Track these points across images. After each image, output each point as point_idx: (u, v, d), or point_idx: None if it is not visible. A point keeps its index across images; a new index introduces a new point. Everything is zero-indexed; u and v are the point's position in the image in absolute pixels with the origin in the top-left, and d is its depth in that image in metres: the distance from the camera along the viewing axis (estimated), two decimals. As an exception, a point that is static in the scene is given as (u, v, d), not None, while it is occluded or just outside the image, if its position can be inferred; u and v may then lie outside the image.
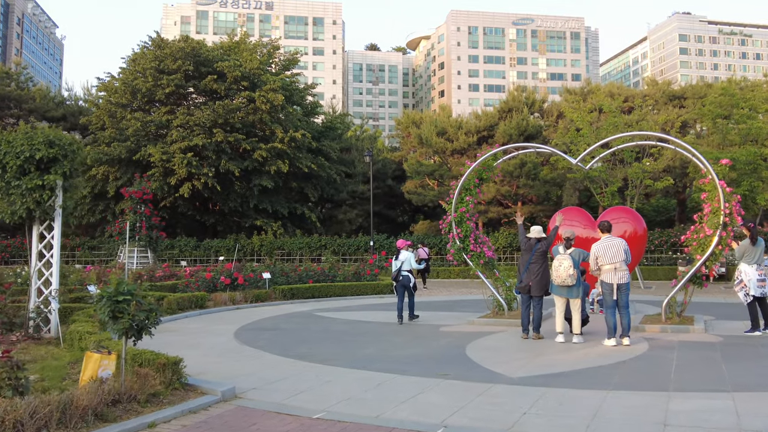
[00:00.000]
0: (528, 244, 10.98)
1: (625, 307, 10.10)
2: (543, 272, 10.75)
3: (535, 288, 10.71)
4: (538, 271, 10.74)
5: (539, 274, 10.72)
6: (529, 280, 10.76)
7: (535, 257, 10.80)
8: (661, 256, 29.97)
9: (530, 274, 10.78)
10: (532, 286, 10.72)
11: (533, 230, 11.08)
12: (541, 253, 10.82)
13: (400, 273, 13.87)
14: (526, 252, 10.94)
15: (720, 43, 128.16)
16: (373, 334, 11.79)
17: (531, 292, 10.75)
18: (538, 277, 10.71)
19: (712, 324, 12.40)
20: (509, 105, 35.18)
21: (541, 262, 10.78)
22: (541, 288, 10.70)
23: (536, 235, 10.98)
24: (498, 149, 14.08)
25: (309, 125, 38.48)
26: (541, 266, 10.76)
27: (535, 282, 10.70)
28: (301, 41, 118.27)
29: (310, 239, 35.43)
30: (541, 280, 10.69)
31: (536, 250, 10.84)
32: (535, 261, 10.79)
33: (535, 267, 10.77)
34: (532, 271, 10.77)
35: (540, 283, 10.69)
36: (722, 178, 12.06)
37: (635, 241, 15.21)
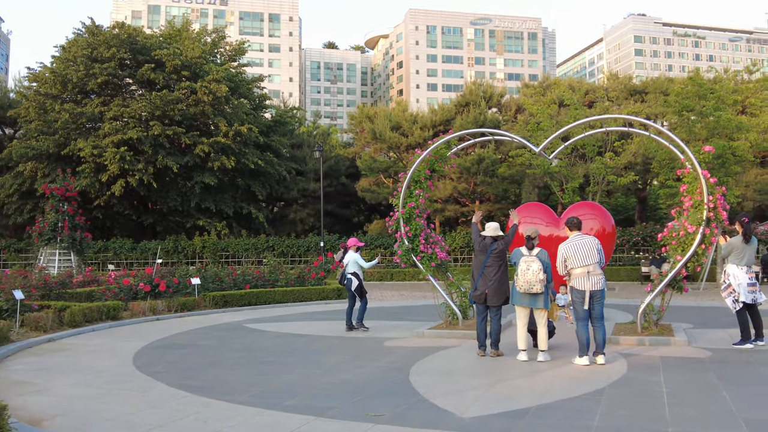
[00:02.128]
0: (482, 243, 9.24)
1: (600, 319, 8.45)
2: (501, 277, 9.03)
3: (493, 296, 8.98)
4: (495, 275, 9.00)
5: (497, 279, 8.99)
6: (484, 287, 9.03)
7: (492, 259, 9.06)
8: (622, 256, 28.81)
9: (486, 280, 9.04)
10: (488, 294, 8.99)
11: (489, 227, 9.33)
12: (499, 255, 9.08)
13: (344, 276, 12.37)
14: (481, 253, 9.19)
15: (674, 45, 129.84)
16: (303, 352, 9.91)
17: (487, 302, 9.03)
18: (495, 284, 8.98)
19: (693, 334, 10.87)
20: (466, 99, 33.65)
21: (498, 265, 9.05)
22: (499, 296, 8.98)
23: (492, 233, 9.23)
24: (451, 136, 12.36)
25: (257, 119, 36.31)
26: (498, 270, 9.03)
27: (492, 289, 8.97)
28: (257, 37, 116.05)
29: (257, 240, 33.30)
30: (500, 286, 8.98)
31: (492, 251, 9.09)
32: (491, 264, 9.05)
33: (491, 271, 9.02)
34: (488, 275, 9.03)
35: (498, 291, 8.97)
36: (705, 167, 10.59)
37: (604, 239, 13.59)
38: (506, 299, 9.02)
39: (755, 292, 9.43)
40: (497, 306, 9.02)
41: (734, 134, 20.95)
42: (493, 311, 9.06)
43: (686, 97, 21.45)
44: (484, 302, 9.03)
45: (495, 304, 8.99)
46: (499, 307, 9.05)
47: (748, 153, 20.86)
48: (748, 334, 9.40)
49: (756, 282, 9.54)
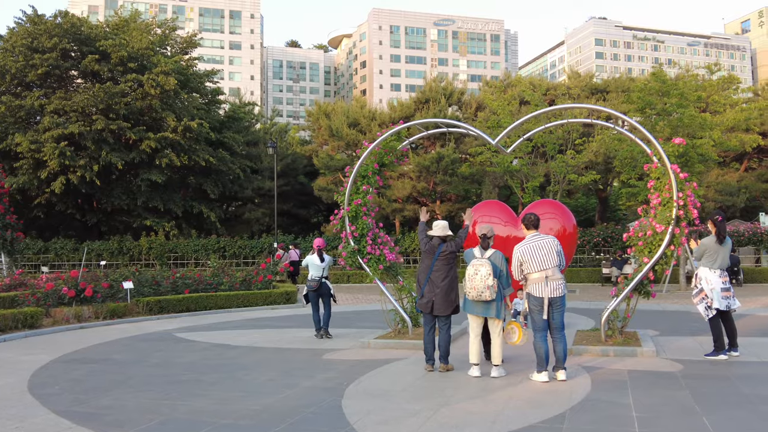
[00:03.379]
0: (430, 245, 8.19)
1: (560, 330, 7.48)
2: (450, 283, 8.00)
3: (440, 305, 7.94)
4: (443, 281, 7.96)
5: (445, 286, 7.95)
6: (431, 295, 7.98)
7: (440, 263, 8.02)
8: (583, 257, 28.18)
9: (433, 286, 8.00)
10: (435, 302, 7.95)
11: (436, 226, 8.28)
12: (448, 258, 8.06)
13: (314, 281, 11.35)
14: (428, 256, 8.15)
15: (634, 48, 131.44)
16: (229, 367, 8.74)
17: (434, 311, 8.00)
18: (443, 291, 7.94)
19: (660, 342, 10.02)
20: (426, 96, 32.72)
21: (447, 269, 8.02)
22: (448, 304, 7.95)
23: (440, 233, 8.20)
24: (401, 126, 11.35)
25: (209, 115, 34.80)
26: (447, 275, 8.00)
27: (440, 297, 7.93)
28: (217, 35, 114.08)
29: (207, 241, 31.82)
30: (448, 293, 7.95)
31: (441, 254, 8.06)
32: (438, 268, 8.01)
33: (439, 276, 7.99)
34: (436, 281, 7.99)
35: (446, 299, 7.94)
36: (674, 161, 9.78)
37: (565, 240, 12.76)
38: (456, 308, 8.01)
39: (729, 298, 8.57)
40: (446, 315, 8.01)
41: (697, 132, 20.41)
42: (442, 321, 8.05)
43: (649, 94, 20.84)
44: (431, 311, 8.00)
45: (443, 313, 7.96)
46: (448, 316, 8.04)
47: (711, 152, 20.35)
48: (721, 344, 8.54)
49: (730, 287, 8.69)
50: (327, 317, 11.52)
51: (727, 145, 21.31)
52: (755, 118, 23.93)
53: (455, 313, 8.07)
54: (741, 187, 29.80)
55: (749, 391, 6.66)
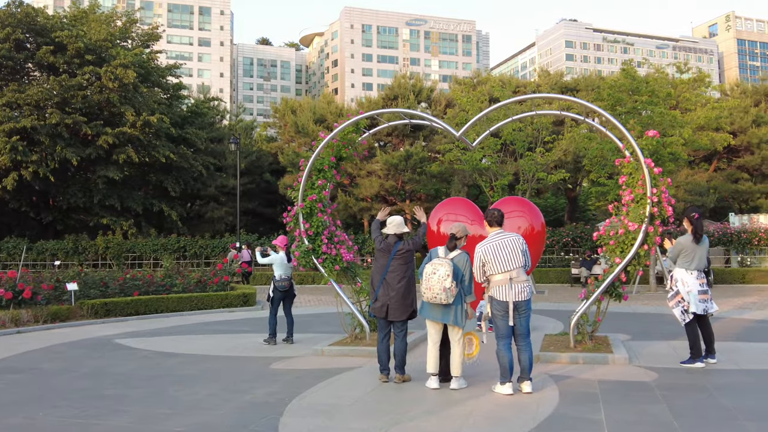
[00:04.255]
0: (384, 243, 7.48)
1: (526, 336, 6.82)
2: (407, 286, 7.30)
3: (396, 309, 7.24)
4: (399, 283, 7.26)
5: (401, 288, 7.26)
6: (386, 298, 7.27)
7: (396, 263, 7.33)
8: (552, 257, 27.75)
9: (388, 289, 7.29)
10: (390, 305, 7.24)
11: (391, 223, 7.57)
12: (405, 257, 7.36)
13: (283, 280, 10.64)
14: (382, 255, 7.44)
15: (604, 51, 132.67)
16: (164, 379, 7.93)
17: (389, 316, 7.29)
18: (399, 294, 7.23)
19: (633, 347, 9.45)
20: (395, 92, 32.05)
21: (403, 270, 7.32)
22: (403, 309, 7.26)
23: (395, 231, 7.50)
24: (361, 116, 10.64)
25: (171, 110, 33.68)
26: (403, 277, 7.30)
27: (396, 300, 7.23)
28: (186, 31, 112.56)
29: (167, 240, 30.70)
30: (405, 297, 7.26)
31: (397, 253, 7.36)
32: (394, 269, 7.31)
33: (394, 278, 7.29)
34: (391, 283, 7.28)
35: (402, 303, 7.24)
36: (648, 155, 9.23)
37: (533, 239, 12.19)
38: (414, 313, 7.32)
39: (707, 301, 8.01)
40: (402, 321, 7.32)
41: (668, 130, 20.04)
42: (398, 327, 7.35)
43: (619, 91, 20.43)
44: (385, 316, 7.29)
45: (398, 318, 7.26)
46: (404, 321, 7.35)
47: (682, 151, 19.99)
48: (698, 351, 7.96)
49: (708, 289, 8.13)
50: (291, 324, 10.86)
51: (697, 144, 21.00)
52: (725, 117, 23.75)
53: (412, 318, 7.39)
54: (710, 187, 29.71)
55: (730, 404, 6.07)
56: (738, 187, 30.55)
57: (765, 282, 22.47)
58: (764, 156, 30.20)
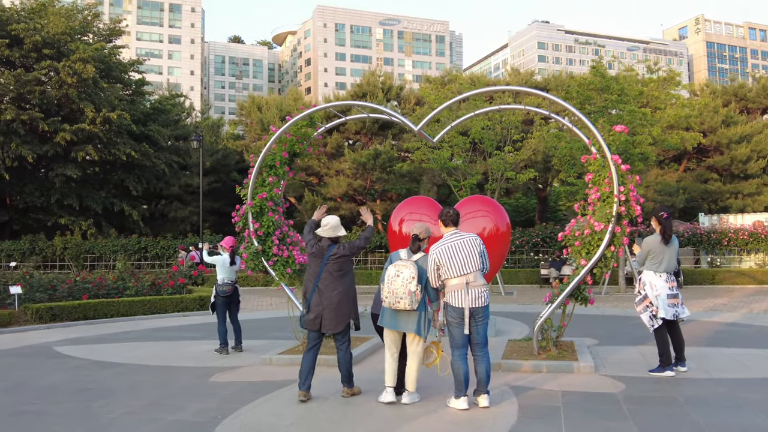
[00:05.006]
0: (317, 247, 6.75)
1: (483, 346, 6.27)
2: (345, 294, 6.59)
3: (330, 320, 6.52)
4: (334, 291, 6.56)
5: (337, 297, 6.54)
6: (320, 308, 6.54)
7: (329, 270, 6.60)
8: (522, 258, 27.39)
9: (321, 297, 6.56)
10: (324, 316, 6.53)
11: (325, 224, 6.80)
12: (338, 263, 6.62)
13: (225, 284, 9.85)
14: (314, 260, 6.73)
15: (576, 52, 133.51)
16: (91, 394, 7.23)
17: (322, 328, 6.58)
18: (334, 303, 6.53)
19: (599, 353, 8.98)
20: (363, 89, 31.44)
21: (339, 276, 6.59)
22: (339, 319, 6.55)
23: (330, 234, 6.74)
24: (315, 108, 10.02)
25: (134, 106, 32.62)
26: (339, 284, 6.59)
27: (330, 310, 6.52)
28: (156, 28, 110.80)
29: (127, 241, 29.72)
30: (340, 306, 6.54)
31: (331, 257, 6.63)
32: (327, 276, 6.58)
33: (328, 286, 6.56)
34: (325, 291, 6.56)
35: (338, 313, 6.54)
36: (615, 151, 8.76)
37: (498, 240, 11.69)
38: (347, 324, 6.61)
39: (677, 306, 7.54)
40: (340, 332, 6.63)
41: (638, 129, 19.75)
42: (339, 339, 6.66)
43: (589, 89, 20.10)
44: (318, 328, 6.56)
45: (332, 330, 6.55)
46: (345, 332, 6.67)
47: (651, 150, 19.73)
48: (668, 359, 7.49)
49: (678, 293, 7.66)
50: (239, 331, 10.08)
51: (667, 143, 20.76)
52: (695, 117, 23.59)
53: (356, 330, 6.79)
54: (680, 187, 29.62)
55: (703, 420, 5.58)
56: (707, 188, 30.53)
57: (735, 283, 22.34)
58: (733, 156, 30.21)
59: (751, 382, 7.09)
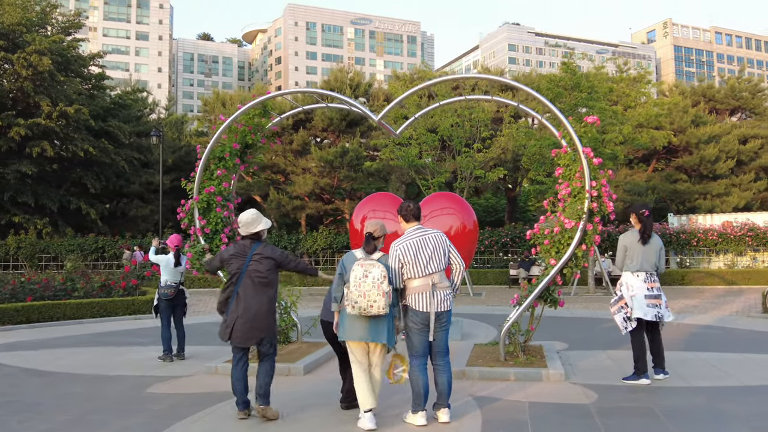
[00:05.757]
0: (238, 246, 5.85)
1: (444, 354, 5.67)
2: (268, 302, 5.71)
3: (243, 331, 5.62)
4: (252, 300, 5.64)
5: (255, 307, 5.64)
6: (233, 316, 5.64)
7: (251, 274, 5.68)
8: (491, 258, 26.96)
9: (238, 304, 5.66)
10: (235, 327, 5.61)
11: (244, 219, 5.90)
12: (264, 264, 5.71)
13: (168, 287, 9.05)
14: (237, 260, 5.75)
15: (546, 55, 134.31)
16: (11, 407, 6.46)
17: (232, 339, 5.68)
18: (250, 313, 5.62)
19: (569, 359, 8.46)
20: (331, 85, 30.70)
21: (260, 284, 5.67)
22: (255, 332, 5.65)
23: (247, 231, 5.86)
24: (270, 95, 9.35)
25: (93, 101, 31.45)
26: (261, 292, 5.67)
27: (244, 321, 5.62)
28: (123, 24, 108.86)
29: (84, 240, 28.59)
30: (257, 319, 5.64)
31: (253, 258, 5.74)
32: (249, 281, 5.67)
33: (248, 292, 5.66)
34: (245, 298, 5.64)
35: (256, 323, 5.63)
36: (587, 144, 8.25)
37: (465, 238, 11.13)
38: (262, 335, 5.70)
39: (658, 307, 7.02)
40: (265, 340, 5.78)
41: (608, 127, 19.43)
42: (265, 346, 5.80)
43: (558, 85, 19.72)
44: (229, 337, 5.70)
45: (243, 344, 5.69)
46: (270, 343, 5.83)
47: (620, 150, 19.41)
48: (643, 366, 6.98)
49: (661, 294, 7.15)
50: (183, 337, 9.28)
51: (637, 141, 20.48)
52: (665, 115, 23.39)
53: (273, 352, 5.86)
54: (649, 187, 29.49)
55: (682, 436, 5.05)
56: (676, 188, 30.45)
57: (704, 283, 22.17)
58: (702, 156, 30.19)
59: (732, 392, 6.61)
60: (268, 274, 5.70)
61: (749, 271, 22.72)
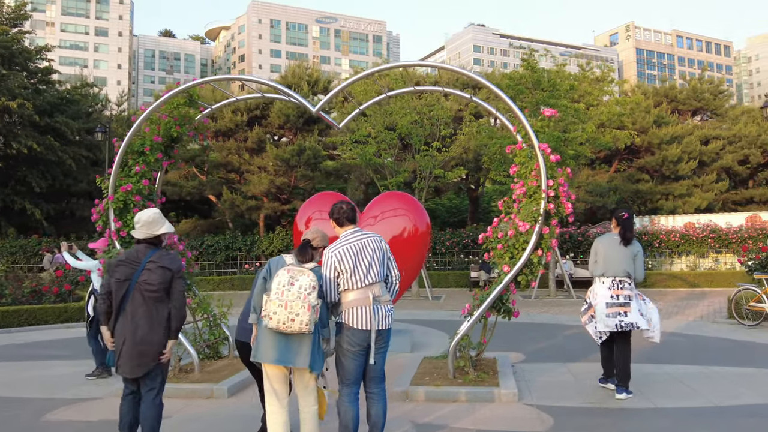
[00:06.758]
0: (130, 252, 4.77)
1: (381, 381, 4.86)
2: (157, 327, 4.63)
3: (130, 358, 4.56)
4: (140, 319, 4.58)
5: (144, 328, 4.57)
6: (120, 340, 4.59)
7: (141, 287, 4.62)
8: (452, 259, 26.30)
9: (124, 324, 4.61)
10: (122, 353, 4.57)
11: (146, 216, 4.87)
12: (158, 275, 4.65)
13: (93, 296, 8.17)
14: (127, 269, 4.66)
15: (510, 56, 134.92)
16: None
17: (118, 368, 4.65)
18: (137, 337, 4.55)
19: (525, 375, 7.74)
20: (288, 81, 29.68)
21: (151, 300, 4.62)
22: (138, 362, 4.57)
23: (144, 233, 4.78)
24: (194, 83, 8.45)
25: (39, 96, 29.94)
26: (152, 309, 4.62)
27: (131, 346, 4.56)
28: (82, 19, 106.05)
29: (27, 242, 27.16)
30: (145, 343, 4.56)
31: (146, 267, 4.69)
32: (139, 295, 4.61)
33: (137, 309, 4.60)
34: (131, 316, 4.60)
35: (139, 352, 4.56)
36: (544, 139, 7.56)
37: (417, 241, 10.37)
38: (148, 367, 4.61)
39: (622, 315, 6.44)
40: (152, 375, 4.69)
41: (570, 126, 18.88)
42: (148, 384, 4.69)
43: (519, 82, 19.11)
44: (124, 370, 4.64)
45: (130, 374, 4.62)
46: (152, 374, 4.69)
47: (583, 149, 18.88)
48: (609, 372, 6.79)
49: (629, 301, 6.56)
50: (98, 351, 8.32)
51: (600, 141, 20.00)
52: (627, 115, 23.01)
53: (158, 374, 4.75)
54: (611, 188, 29.18)
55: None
56: (639, 188, 30.21)
57: (667, 286, 21.81)
58: (665, 156, 29.99)
59: (700, 413, 5.95)
60: (160, 287, 4.61)
61: (712, 273, 22.45)
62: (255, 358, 4.64)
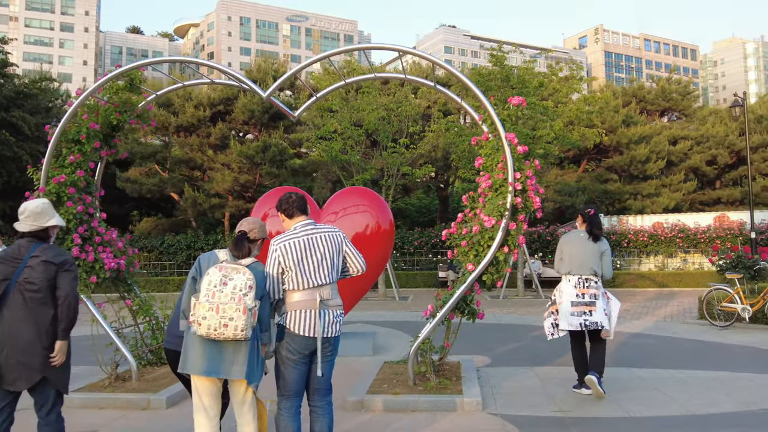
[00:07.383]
0: (11, 248, 4.09)
1: (327, 393, 4.32)
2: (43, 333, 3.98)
3: (15, 367, 3.92)
4: (22, 323, 3.95)
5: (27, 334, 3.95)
6: (3, 348, 3.93)
7: (21, 287, 3.96)
8: (421, 259, 25.86)
9: (3, 330, 3.94)
10: (3, 365, 3.91)
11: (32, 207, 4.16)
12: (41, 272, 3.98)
13: None
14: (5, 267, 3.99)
15: (481, 58, 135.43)
16: None
17: (3, 381, 3.93)
18: (19, 344, 3.94)
19: (490, 380, 7.26)
20: (253, 76, 28.92)
21: (33, 302, 3.96)
22: (22, 373, 3.93)
23: (30, 226, 4.10)
24: (134, 65, 7.80)
25: (-7, 89, 28.79)
26: (36, 312, 3.97)
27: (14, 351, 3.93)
28: (47, 15, 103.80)
29: (-22, 241, 25.97)
30: (30, 351, 3.94)
31: (28, 264, 4.00)
32: (19, 295, 3.95)
33: (17, 312, 3.95)
34: (11, 321, 3.94)
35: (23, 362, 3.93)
36: (511, 130, 7.11)
37: (380, 239, 9.84)
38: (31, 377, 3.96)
39: (586, 314, 6.06)
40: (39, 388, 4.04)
41: (538, 124, 18.55)
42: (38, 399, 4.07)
43: (489, 79, 18.74)
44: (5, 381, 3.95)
45: (13, 387, 3.95)
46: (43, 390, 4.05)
47: (552, 147, 18.56)
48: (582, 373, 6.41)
49: (594, 301, 6.17)
50: None
51: (568, 139, 19.71)
52: (596, 113, 22.80)
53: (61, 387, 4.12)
54: (579, 187, 29.03)
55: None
56: (607, 188, 30.13)
57: (635, 286, 21.63)
58: (633, 156, 29.95)
59: (676, 423, 5.52)
60: (43, 286, 3.96)
61: (680, 273, 22.34)
62: (183, 369, 4.03)
